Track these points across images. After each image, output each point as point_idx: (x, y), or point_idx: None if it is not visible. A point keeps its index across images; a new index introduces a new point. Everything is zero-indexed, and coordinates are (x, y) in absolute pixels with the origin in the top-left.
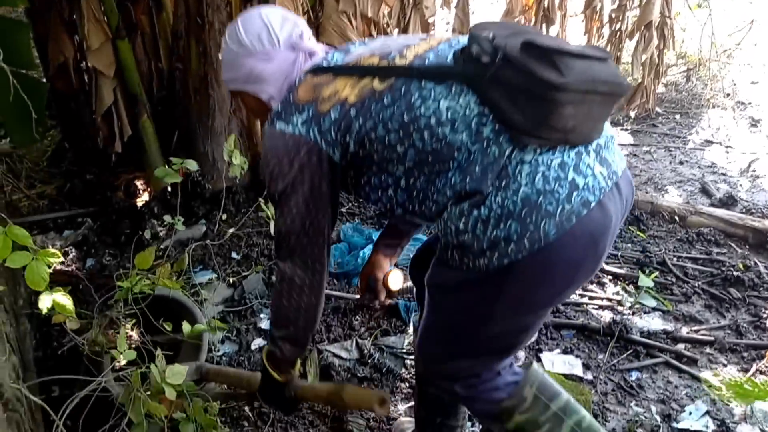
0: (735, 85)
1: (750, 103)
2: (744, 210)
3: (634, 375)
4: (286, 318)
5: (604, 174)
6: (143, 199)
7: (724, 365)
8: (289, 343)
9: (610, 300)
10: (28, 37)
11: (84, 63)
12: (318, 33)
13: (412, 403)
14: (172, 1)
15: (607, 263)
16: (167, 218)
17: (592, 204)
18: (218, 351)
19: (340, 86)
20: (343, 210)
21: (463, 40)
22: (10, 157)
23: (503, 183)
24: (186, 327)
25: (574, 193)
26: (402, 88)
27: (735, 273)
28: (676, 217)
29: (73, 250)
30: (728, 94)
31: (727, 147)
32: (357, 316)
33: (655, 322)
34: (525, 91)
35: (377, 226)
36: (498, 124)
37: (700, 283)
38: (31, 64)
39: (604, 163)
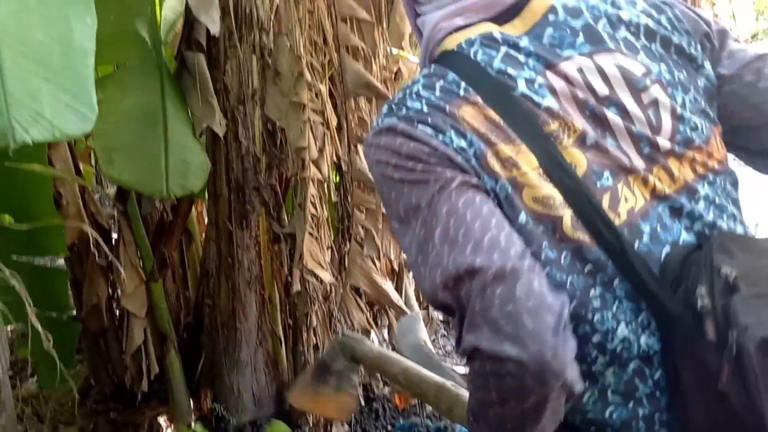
0: None
1: None
2: None
3: None
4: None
5: None
6: None
7: None
8: None
9: None
10: (65, 284)
11: (116, 302)
12: (343, 270)
13: None
14: (202, 236)
15: None
16: None
17: None
18: None
19: (522, 159)
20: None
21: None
22: (36, 398)
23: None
24: None
25: None
26: (589, 267)
27: None
28: None
29: None
30: None
31: None
32: None
33: None
34: (734, 416)
35: None
36: (658, 395)
37: None
38: (66, 307)
39: None
